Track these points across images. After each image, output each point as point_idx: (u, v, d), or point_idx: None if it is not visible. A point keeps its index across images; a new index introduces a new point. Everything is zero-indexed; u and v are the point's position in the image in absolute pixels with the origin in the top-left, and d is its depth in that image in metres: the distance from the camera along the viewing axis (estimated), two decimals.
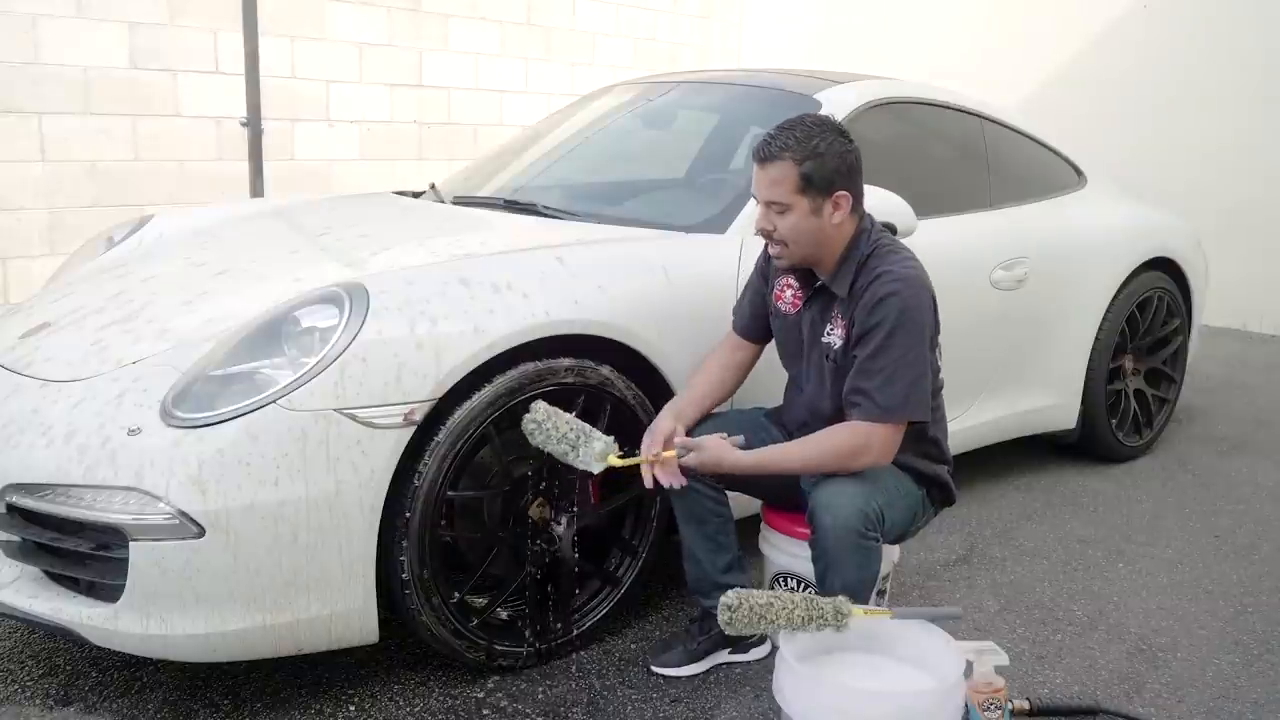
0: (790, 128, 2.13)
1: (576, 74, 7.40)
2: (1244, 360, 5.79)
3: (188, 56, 5.43)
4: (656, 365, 2.37)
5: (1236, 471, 3.89)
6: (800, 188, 2.11)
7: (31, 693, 2.17)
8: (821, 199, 2.12)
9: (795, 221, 2.13)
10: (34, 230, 5.06)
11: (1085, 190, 3.87)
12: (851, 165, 2.14)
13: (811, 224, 2.13)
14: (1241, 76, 6.41)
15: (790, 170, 2.10)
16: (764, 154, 2.13)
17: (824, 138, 2.11)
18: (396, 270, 2.23)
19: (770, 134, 2.15)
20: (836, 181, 2.12)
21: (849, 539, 2.04)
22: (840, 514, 2.04)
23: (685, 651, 2.34)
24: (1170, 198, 5.00)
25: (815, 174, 2.10)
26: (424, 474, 2.06)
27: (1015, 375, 3.50)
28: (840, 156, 2.12)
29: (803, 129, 2.12)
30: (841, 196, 2.13)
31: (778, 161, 2.11)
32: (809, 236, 2.14)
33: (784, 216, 2.13)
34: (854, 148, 2.16)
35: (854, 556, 2.06)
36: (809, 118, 2.16)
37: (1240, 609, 2.77)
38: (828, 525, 2.05)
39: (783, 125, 2.15)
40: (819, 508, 2.08)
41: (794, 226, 2.13)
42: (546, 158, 3.53)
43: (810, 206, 2.12)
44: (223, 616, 1.92)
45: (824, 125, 2.14)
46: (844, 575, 2.06)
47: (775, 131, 2.14)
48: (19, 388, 2.17)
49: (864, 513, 2.04)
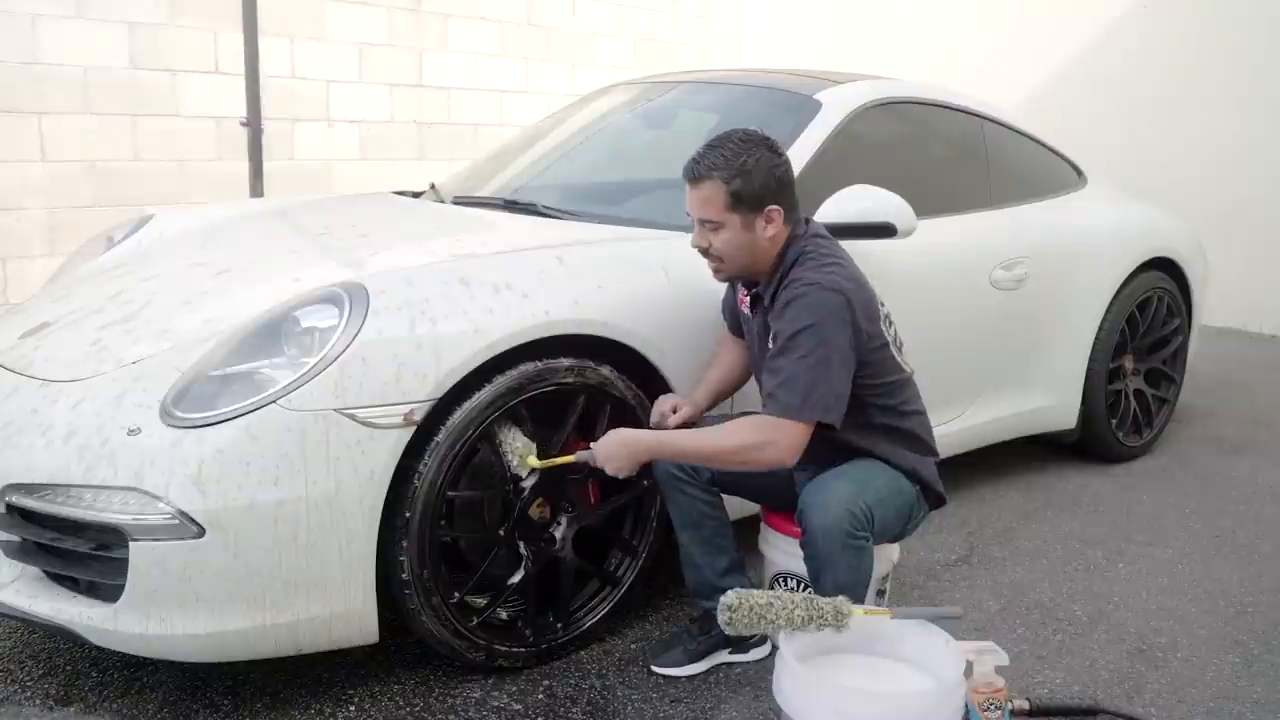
0: (718, 145, 2.13)
1: (576, 74, 7.40)
2: (1244, 360, 5.79)
3: (188, 56, 5.43)
4: (656, 365, 2.37)
5: (1236, 471, 3.89)
6: (730, 205, 2.11)
7: (31, 693, 2.17)
8: (753, 215, 2.12)
9: (729, 238, 2.14)
10: (34, 230, 5.06)
11: (1085, 190, 3.87)
12: (781, 179, 2.14)
13: (744, 239, 2.14)
14: (1241, 76, 6.41)
15: (719, 189, 2.10)
16: (693, 173, 2.13)
17: (752, 154, 2.10)
18: (396, 270, 2.23)
19: (699, 152, 2.14)
20: (766, 197, 2.11)
21: (838, 539, 2.04)
22: (828, 514, 2.04)
23: (685, 651, 2.34)
24: (1170, 198, 5.00)
25: (744, 191, 2.10)
26: (424, 474, 2.06)
27: (1015, 375, 3.50)
28: (768, 172, 2.11)
29: (730, 147, 2.11)
30: (774, 211, 2.13)
31: (706, 181, 2.11)
32: (743, 251, 2.15)
33: (717, 233, 2.14)
34: (783, 161, 2.15)
35: (845, 556, 2.06)
36: (737, 134, 2.14)
37: (1240, 609, 2.77)
38: (816, 526, 2.06)
39: (711, 143, 2.15)
40: (806, 508, 2.09)
41: (727, 242, 2.14)
42: (546, 158, 3.53)
43: (742, 223, 2.12)
44: (223, 616, 1.92)
45: (751, 141, 2.13)
46: (836, 575, 2.07)
47: (704, 150, 2.14)
48: (19, 388, 2.17)
49: (851, 512, 2.05)
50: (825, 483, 2.12)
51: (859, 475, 2.15)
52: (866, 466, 2.20)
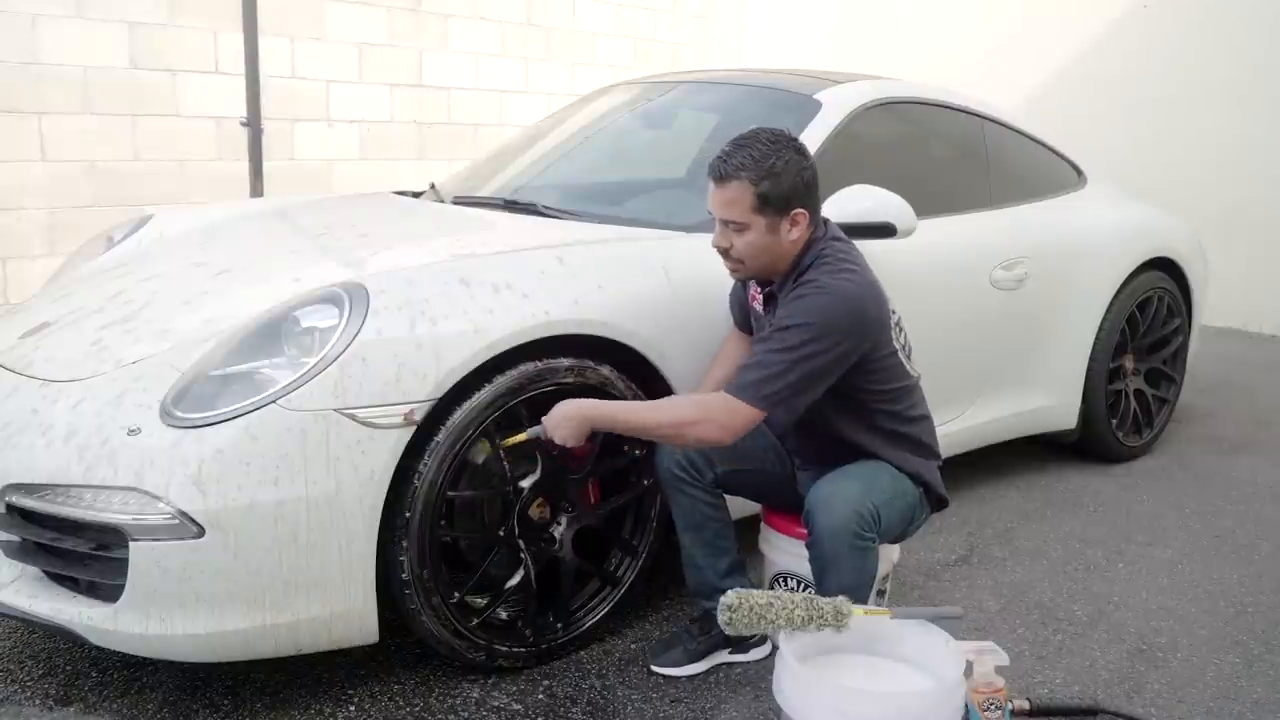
0: (746, 145, 2.09)
1: (576, 74, 7.40)
2: (1244, 360, 5.79)
3: (188, 56, 5.43)
4: (656, 365, 2.37)
5: (1236, 471, 3.89)
6: (757, 207, 2.08)
7: (31, 693, 2.17)
8: (779, 218, 2.09)
9: (752, 239, 2.11)
10: (34, 230, 5.06)
11: (1085, 190, 3.87)
12: (808, 182, 2.11)
13: (768, 241, 2.11)
14: (1241, 76, 6.41)
15: (746, 190, 2.07)
16: (720, 173, 2.09)
17: (780, 156, 2.07)
18: (396, 270, 2.23)
19: (726, 151, 2.10)
20: (794, 200, 2.09)
21: (845, 540, 2.04)
22: (835, 515, 2.04)
23: (685, 651, 2.34)
24: (1170, 198, 5.00)
25: (772, 193, 2.07)
26: (424, 474, 2.06)
27: (1015, 375, 3.50)
28: (797, 174, 2.08)
29: (759, 147, 2.08)
30: (799, 214, 2.10)
31: (734, 181, 2.08)
32: (765, 254, 2.13)
33: (741, 235, 2.11)
34: (810, 164, 2.12)
35: (851, 558, 2.06)
36: (764, 134, 2.11)
37: (1240, 609, 2.77)
38: (823, 526, 2.05)
39: (739, 142, 2.11)
40: (814, 509, 2.08)
41: (750, 244, 2.11)
42: (546, 158, 3.53)
43: (767, 225, 2.09)
44: (223, 616, 1.92)
45: (780, 142, 2.10)
46: (841, 576, 2.06)
47: (731, 148, 2.10)
48: (19, 388, 2.17)
49: (859, 513, 2.04)
50: (832, 483, 2.11)
51: (865, 476, 2.15)
52: (872, 467, 2.19)
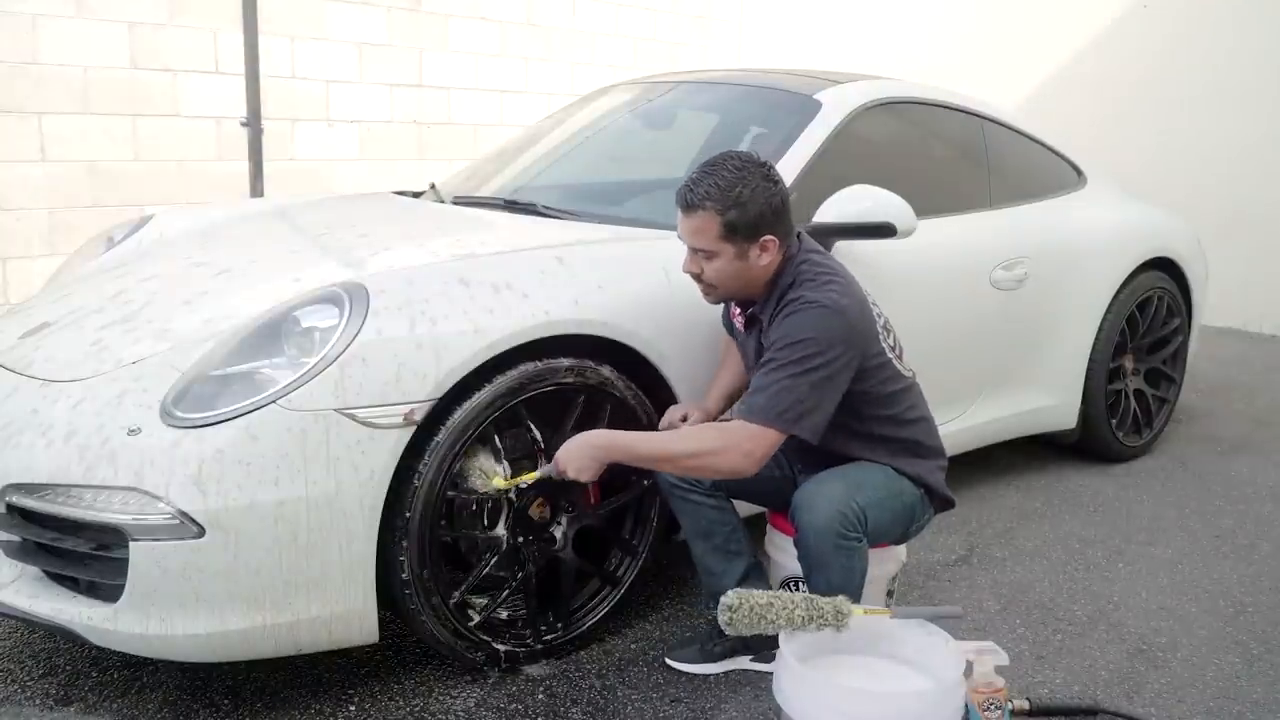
0: (712, 173, 2.05)
1: (576, 74, 7.40)
2: (1244, 360, 5.79)
3: (188, 56, 5.43)
4: (656, 365, 2.37)
5: (1236, 471, 3.89)
6: (724, 235, 2.06)
7: (31, 693, 2.17)
8: (747, 245, 2.07)
9: (721, 266, 2.10)
10: (34, 230, 5.06)
11: (1085, 190, 3.87)
12: (777, 208, 2.08)
13: (737, 267, 2.10)
14: (1242, 76, 6.40)
15: (713, 219, 2.05)
16: (686, 201, 2.07)
17: (747, 184, 2.04)
18: (396, 270, 2.23)
19: (693, 178, 2.07)
20: (762, 227, 2.06)
21: (829, 539, 2.04)
22: (818, 514, 2.04)
23: (702, 651, 2.34)
24: (1170, 198, 5.00)
25: (739, 222, 2.04)
26: (424, 474, 2.06)
27: (1015, 375, 3.50)
28: (765, 202, 2.05)
29: (725, 175, 2.04)
30: (768, 241, 2.08)
31: (700, 211, 2.05)
32: (735, 279, 2.12)
33: (710, 262, 2.10)
34: (779, 189, 2.09)
35: (837, 557, 2.05)
36: (732, 160, 2.07)
37: (1240, 609, 2.77)
38: (806, 525, 2.05)
39: (705, 168, 2.07)
40: (798, 507, 2.08)
41: (720, 270, 2.10)
42: (546, 158, 3.53)
43: (736, 252, 2.08)
44: (223, 616, 1.92)
45: (747, 168, 2.06)
46: (829, 576, 2.06)
47: (698, 175, 2.07)
48: (19, 388, 2.17)
49: (843, 513, 2.04)
50: (819, 483, 2.11)
51: (855, 476, 2.14)
52: (865, 468, 2.19)
